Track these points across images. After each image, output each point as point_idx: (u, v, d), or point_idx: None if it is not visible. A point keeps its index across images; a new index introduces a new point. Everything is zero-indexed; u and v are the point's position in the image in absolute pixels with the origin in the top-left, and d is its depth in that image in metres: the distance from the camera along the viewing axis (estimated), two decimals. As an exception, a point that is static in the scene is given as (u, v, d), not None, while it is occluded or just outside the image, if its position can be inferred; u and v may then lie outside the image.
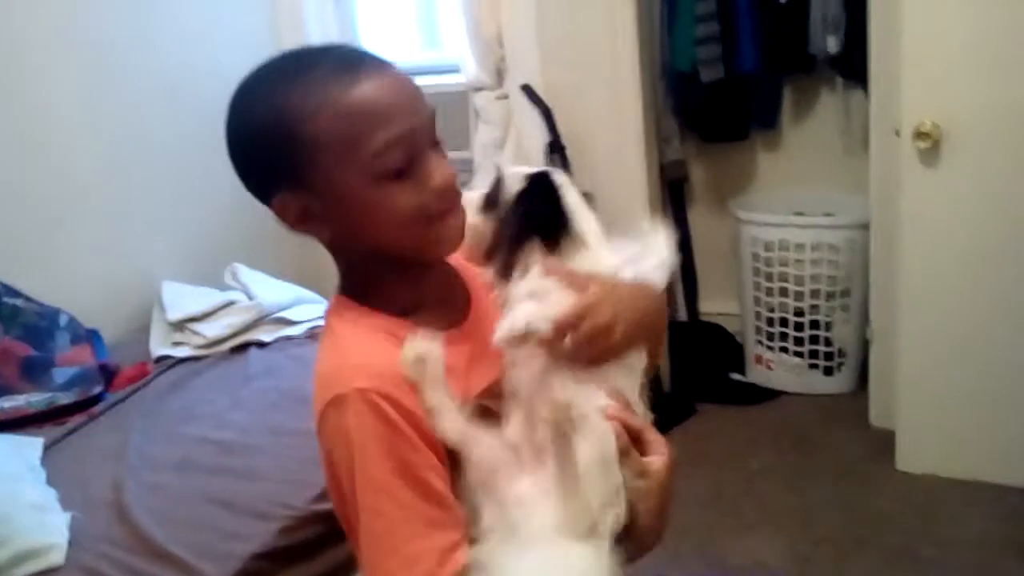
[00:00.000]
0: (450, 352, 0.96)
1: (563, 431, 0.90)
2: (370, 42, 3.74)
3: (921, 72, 2.53)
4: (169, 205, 3.12)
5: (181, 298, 2.85)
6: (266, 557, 1.70)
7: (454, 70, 3.44)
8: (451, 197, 1.00)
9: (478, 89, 3.35)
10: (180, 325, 2.78)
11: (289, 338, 2.69)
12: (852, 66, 3.08)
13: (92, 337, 2.70)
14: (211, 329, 2.72)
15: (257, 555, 1.68)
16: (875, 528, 2.60)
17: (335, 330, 1.03)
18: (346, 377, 0.93)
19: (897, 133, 2.61)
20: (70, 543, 1.77)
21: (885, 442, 2.91)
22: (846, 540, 2.56)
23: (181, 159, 3.15)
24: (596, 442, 0.91)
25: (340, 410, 0.91)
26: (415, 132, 0.95)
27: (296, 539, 1.76)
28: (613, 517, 0.91)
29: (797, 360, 3.38)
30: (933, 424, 2.81)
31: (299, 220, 1.00)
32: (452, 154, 3.60)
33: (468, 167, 3.39)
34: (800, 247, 3.27)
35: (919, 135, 2.53)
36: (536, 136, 3.22)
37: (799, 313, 3.34)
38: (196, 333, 2.74)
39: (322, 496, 1.84)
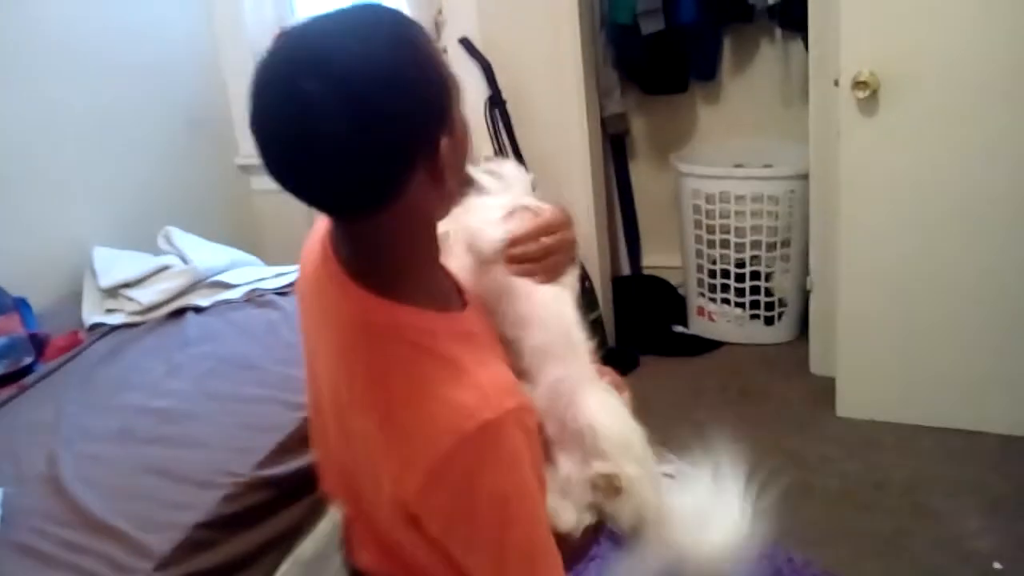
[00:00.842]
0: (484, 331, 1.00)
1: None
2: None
3: (859, 22, 2.53)
4: (98, 169, 3.01)
5: (113, 264, 2.76)
6: (210, 526, 1.66)
7: (390, 24, 3.36)
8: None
9: (415, 43, 3.28)
10: (113, 291, 2.70)
11: (227, 302, 2.63)
12: (791, 16, 3.08)
13: (20, 306, 2.60)
14: (146, 295, 2.65)
15: (201, 524, 1.65)
16: (817, 473, 2.65)
17: (426, 347, 0.92)
18: (493, 401, 0.88)
19: (836, 83, 2.61)
20: (2, 520, 1.71)
21: (825, 389, 2.97)
22: (790, 485, 2.60)
23: (110, 123, 3.05)
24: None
25: (497, 436, 0.88)
26: None
27: (241, 506, 1.73)
28: None
29: (739, 311, 3.42)
30: (871, 371, 2.87)
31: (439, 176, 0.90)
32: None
33: (407, 123, 3.33)
34: (741, 199, 3.29)
35: (857, 84, 2.54)
36: (476, 91, 3.17)
37: (740, 264, 3.37)
38: (130, 299, 2.66)
39: (266, 461, 1.81)
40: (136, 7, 3.18)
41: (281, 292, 2.64)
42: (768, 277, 3.39)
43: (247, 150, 3.68)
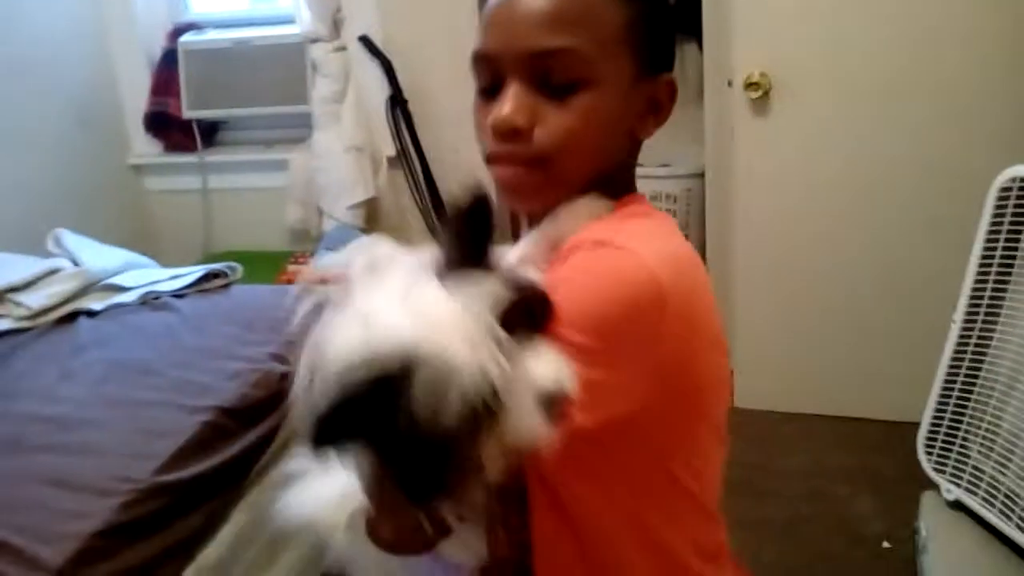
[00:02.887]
0: None
1: None
2: (196, -9, 3.56)
3: (751, 24, 2.62)
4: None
5: (-2, 267, 2.65)
6: (108, 534, 1.61)
7: (288, 21, 3.31)
8: (500, 144, 0.85)
9: (314, 41, 3.24)
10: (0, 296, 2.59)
11: (121, 305, 2.55)
12: (685, 20, 3.15)
13: None
14: (34, 299, 2.55)
15: (98, 533, 1.59)
16: (717, 464, 2.72)
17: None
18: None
19: (729, 84, 2.69)
20: None
21: (724, 382, 3.05)
22: (690, 477, 2.67)
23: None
24: None
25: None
26: (501, 57, 0.84)
27: (140, 513, 1.67)
28: None
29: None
30: (767, 363, 2.97)
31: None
32: (289, 108, 3.47)
33: (306, 122, 3.29)
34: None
35: (750, 85, 2.62)
36: (377, 90, 3.16)
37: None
38: (18, 304, 2.55)
39: (165, 467, 1.77)
40: (21, 3, 3.05)
41: (177, 294, 2.58)
42: (667, 273, 3.46)
43: (140, 149, 3.59)
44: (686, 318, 0.78)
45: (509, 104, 0.83)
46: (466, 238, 0.68)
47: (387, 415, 0.60)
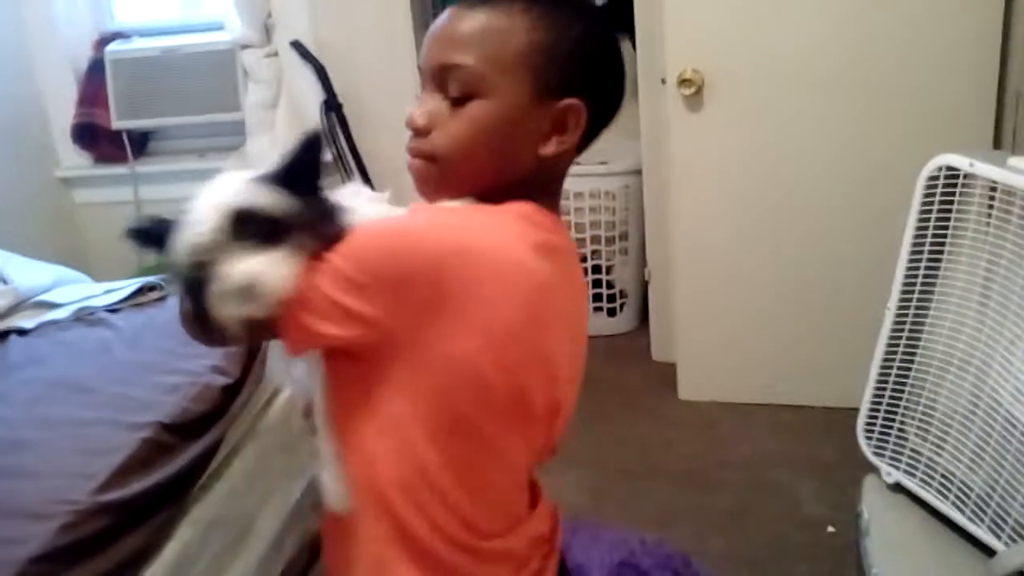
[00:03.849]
0: None
1: None
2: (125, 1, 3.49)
3: (682, 22, 2.65)
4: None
5: (-78, 287, 2.56)
6: (46, 559, 1.56)
7: (218, 28, 3.26)
8: (410, 139, 1.01)
9: (245, 47, 3.20)
10: (-76, 317, 2.51)
11: (54, 322, 2.48)
12: (618, 17, 3.17)
13: None
14: (-39, 319, 2.48)
15: (36, 558, 1.55)
16: (663, 456, 2.76)
17: None
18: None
19: (663, 81, 2.72)
20: None
21: (667, 375, 3.09)
22: (637, 470, 2.69)
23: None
24: None
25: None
26: (422, 69, 1.01)
27: (80, 535, 1.63)
28: None
29: (582, 304, 3.50)
30: (709, 354, 3.00)
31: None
32: (221, 116, 3.43)
33: (239, 129, 3.25)
34: (579, 195, 3.37)
35: (682, 82, 2.66)
36: (310, 94, 3.13)
37: (582, 259, 3.45)
38: (-56, 325, 2.48)
39: (105, 486, 1.73)
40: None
41: (112, 309, 2.52)
42: (609, 270, 3.49)
43: (68, 162, 3.51)
44: (452, 288, 0.88)
45: (417, 107, 0.99)
46: (291, 160, 0.90)
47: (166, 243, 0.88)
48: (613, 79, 1.04)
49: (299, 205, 0.88)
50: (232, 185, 0.89)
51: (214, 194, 0.88)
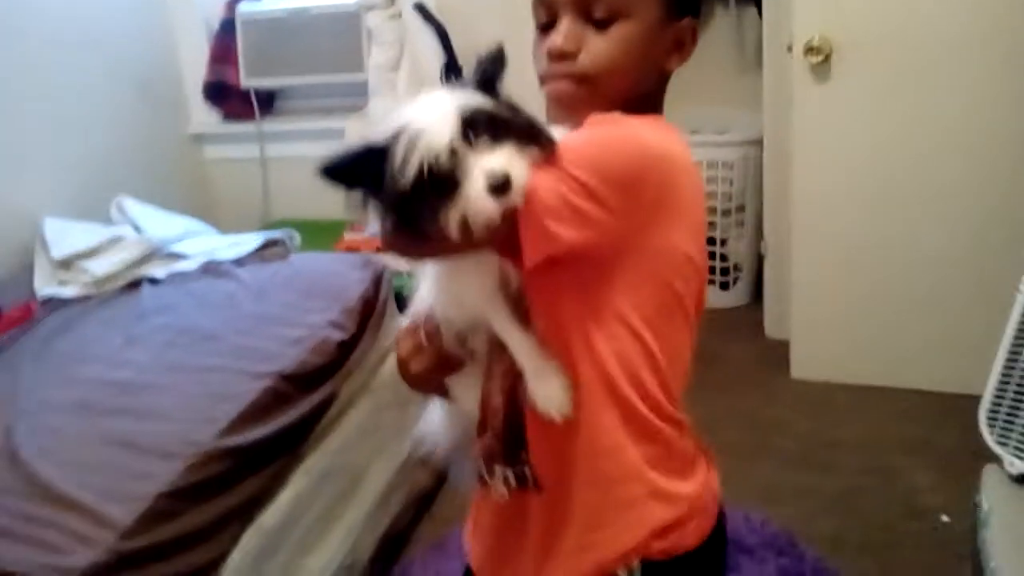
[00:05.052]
0: None
1: None
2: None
3: (812, -13, 2.56)
4: (48, 140, 2.95)
5: (65, 234, 2.71)
6: (173, 496, 1.66)
7: (344, -11, 3.32)
8: (553, 65, 1.05)
9: (370, 8, 3.24)
10: (66, 263, 2.66)
11: (183, 273, 2.60)
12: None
13: (-31, 279, 2.56)
14: (99, 266, 2.62)
15: (164, 494, 1.65)
16: (773, 434, 2.71)
17: None
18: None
19: (789, 49, 2.65)
20: (-40, 494, 1.69)
21: (780, 352, 3.02)
22: (746, 447, 2.65)
23: (58, 93, 2.97)
24: None
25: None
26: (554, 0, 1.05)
27: (203, 476, 1.72)
28: None
29: (695, 276, 3.45)
30: (824, 333, 2.93)
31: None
32: (345, 76, 3.48)
33: (363, 90, 3.30)
34: (696, 165, 3.31)
35: (810, 50, 2.57)
36: (432, 57, 3.15)
37: (696, 230, 3.40)
38: (84, 271, 2.62)
39: (227, 431, 1.81)
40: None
41: (237, 262, 2.62)
42: (723, 243, 3.43)
43: (199, 119, 3.64)
44: (669, 187, 0.98)
45: (561, 33, 1.04)
46: (482, 71, 0.94)
47: (380, 167, 0.87)
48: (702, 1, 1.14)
49: (511, 108, 0.92)
50: (449, 95, 0.89)
51: (437, 104, 0.88)
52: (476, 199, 0.85)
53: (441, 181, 0.85)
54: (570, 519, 1.06)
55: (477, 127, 0.86)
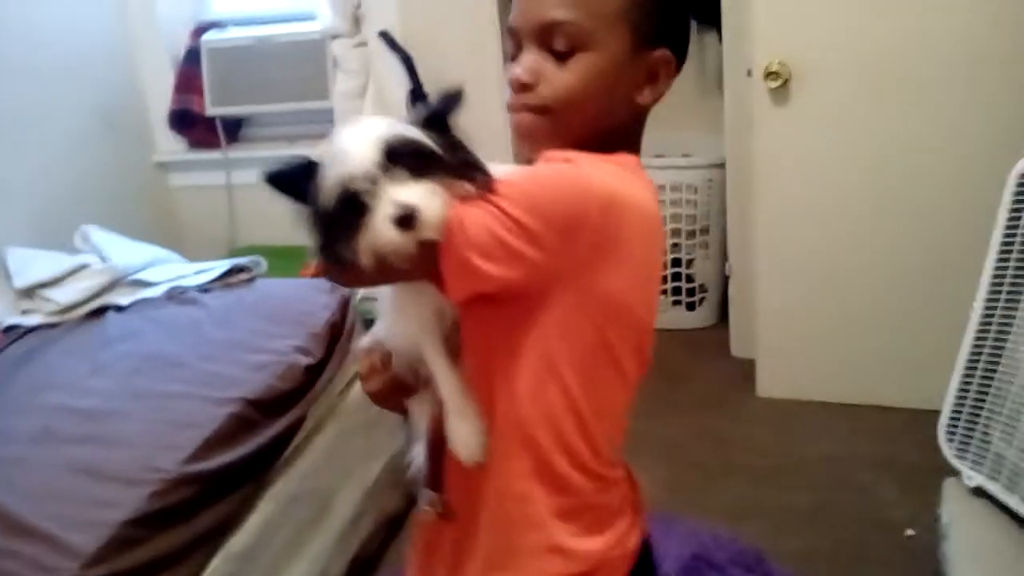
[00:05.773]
0: None
1: None
2: (218, -11, 3.59)
3: (770, 13, 2.62)
4: (10, 168, 2.93)
5: (28, 264, 2.69)
6: (138, 523, 1.65)
7: (309, 17, 3.34)
8: (515, 96, 1.05)
9: (335, 37, 3.26)
10: (29, 292, 2.63)
11: (148, 300, 2.59)
12: (705, 10, 3.15)
13: (-69, 309, 2.52)
14: (64, 294, 2.59)
15: (128, 522, 1.63)
16: (740, 451, 2.73)
17: None
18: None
19: (749, 73, 2.69)
20: (-79, 526, 1.66)
21: (746, 371, 3.05)
22: (713, 465, 2.68)
23: (21, 122, 2.96)
24: None
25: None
26: (520, 29, 1.04)
27: (168, 502, 1.71)
28: None
29: (661, 297, 3.48)
30: (790, 351, 2.96)
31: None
32: (310, 104, 3.49)
33: (328, 117, 3.32)
34: (661, 188, 3.35)
35: (769, 74, 2.62)
36: (397, 85, 3.17)
37: (661, 253, 3.43)
38: (47, 299, 2.60)
39: (193, 457, 1.80)
40: (44, 4, 3.10)
41: (203, 289, 2.61)
42: (689, 264, 3.47)
43: (165, 147, 3.63)
44: (612, 232, 0.94)
45: (521, 64, 1.03)
46: (433, 107, 0.94)
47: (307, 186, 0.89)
48: (687, 30, 1.10)
49: (444, 143, 0.91)
50: (380, 123, 0.90)
51: (364, 130, 0.89)
52: (379, 228, 0.86)
53: (356, 206, 0.86)
54: (475, 554, 1.05)
55: (399, 158, 0.87)
